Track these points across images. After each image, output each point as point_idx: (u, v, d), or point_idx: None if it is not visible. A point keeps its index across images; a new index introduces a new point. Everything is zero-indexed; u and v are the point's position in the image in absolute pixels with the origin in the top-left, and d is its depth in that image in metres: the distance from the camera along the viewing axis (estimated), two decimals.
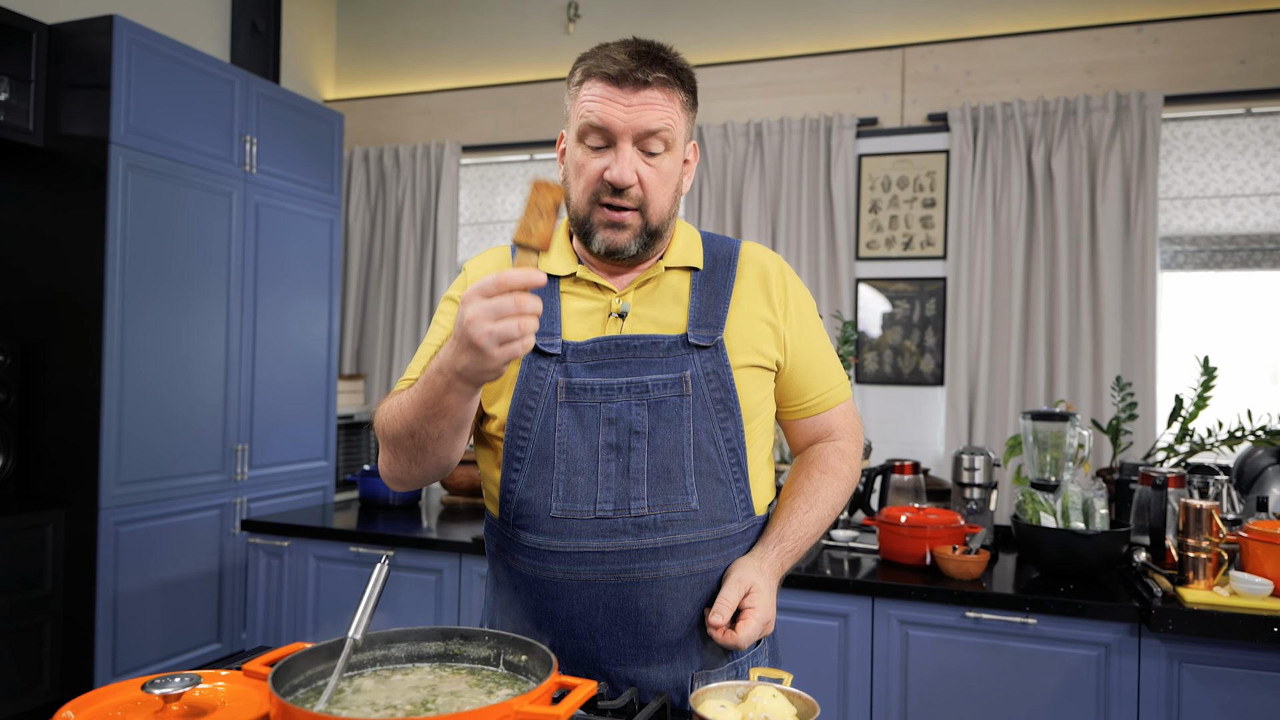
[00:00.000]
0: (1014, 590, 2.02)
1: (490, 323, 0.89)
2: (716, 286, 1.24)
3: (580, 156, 1.16)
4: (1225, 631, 1.81)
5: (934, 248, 3.72)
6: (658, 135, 1.14)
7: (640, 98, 1.13)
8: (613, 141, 1.14)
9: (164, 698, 0.88)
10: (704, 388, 1.18)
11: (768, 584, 1.14)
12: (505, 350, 0.91)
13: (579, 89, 1.16)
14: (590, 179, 1.15)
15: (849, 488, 1.32)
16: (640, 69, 1.12)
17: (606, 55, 1.14)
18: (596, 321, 1.21)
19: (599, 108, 1.13)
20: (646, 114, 1.13)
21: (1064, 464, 2.34)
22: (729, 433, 1.19)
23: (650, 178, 1.15)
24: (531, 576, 1.19)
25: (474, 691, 0.83)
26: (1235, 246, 3.41)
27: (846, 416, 1.36)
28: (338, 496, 4.02)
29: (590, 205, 1.16)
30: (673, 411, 1.17)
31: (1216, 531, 1.91)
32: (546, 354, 1.18)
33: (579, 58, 1.19)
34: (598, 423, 1.16)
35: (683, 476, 1.16)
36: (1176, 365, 3.48)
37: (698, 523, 1.16)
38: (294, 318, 3.73)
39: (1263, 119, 3.39)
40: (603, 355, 1.18)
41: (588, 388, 1.17)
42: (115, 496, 2.97)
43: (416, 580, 2.50)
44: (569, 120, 1.20)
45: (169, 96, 3.15)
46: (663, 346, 1.18)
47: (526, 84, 4.31)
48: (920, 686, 2.06)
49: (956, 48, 3.70)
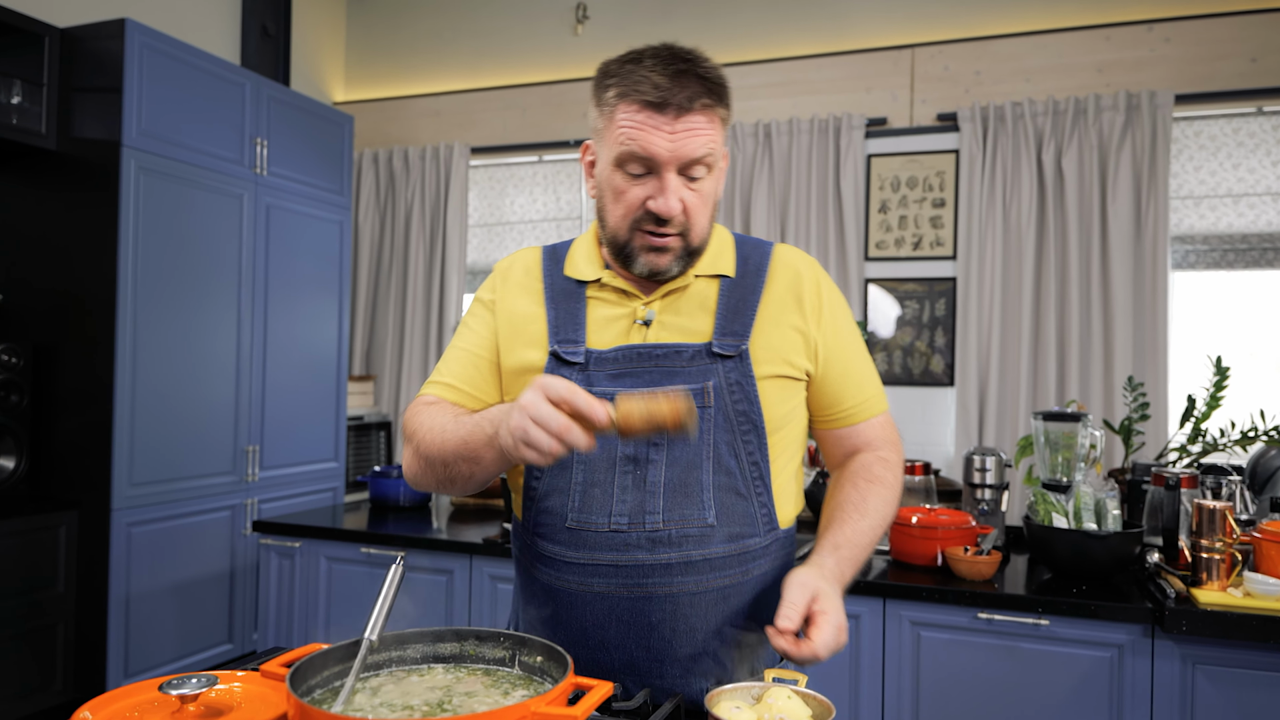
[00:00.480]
0: (1026, 591, 2.01)
1: (541, 431, 0.89)
2: (745, 293, 1.21)
3: (619, 182, 1.12)
4: (1239, 633, 1.80)
5: (944, 248, 3.71)
6: (701, 161, 1.11)
7: (683, 124, 1.09)
8: (655, 170, 1.10)
9: (181, 698, 0.89)
10: (726, 399, 1.15)
11: (833, 589, 1.06)
12: (537, 456, 0.91)
13: (614, 110, 1.11)
14: (631, 206, 1.12)
15: (896, 498, 1.26)
16: (681, 92, 1.08)
17: (643, 76, 1.09)
18: (621, 329, 1.19)
19: (641, 136, 1.08)
20: (691, 142, 1.09)
21: (1076, 465, 2.33)
22: (751, 446, 1.16)
23: (693, 202, 1.13)
24: (548, 584, 1.18)
25: (490, 692, 0.83)
26: (1247, 245, 3.39)
27: (884, 428, 1.30)
28: (348, 498, 4.03)
29: (631, 231, 1.13)
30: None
31: (1230, 532, 1.90)
32: (569, 362, 1.17)
33: (608, 69, 1.14)
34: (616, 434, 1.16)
35: (700, 491, 1.13)
36: (1188, 365, 3.46)
37: (714, 538, 1.14)
38: (304, 319, 3.75)
39: (1274, 118, 3.37)
40: (625, 364, 1.16)
41: (607, 397, 1.12)
42: (127, 498, 2.98)
43: (428, 581, 2.51)
44: (601, 138, 1.14)
45: (180, 99, 3.16)
46: (686, 356, 1.16)
47: (535, 85, 4.31)
48: (932, 688, 2.05)
49: (966, 47, 3.69)
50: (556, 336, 1.19)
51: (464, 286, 4.35)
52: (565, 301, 1.22)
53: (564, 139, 4.22)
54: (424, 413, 1.17)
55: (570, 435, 0.89)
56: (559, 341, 1.18)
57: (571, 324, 1.19)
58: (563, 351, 1.17)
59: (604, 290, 1.21)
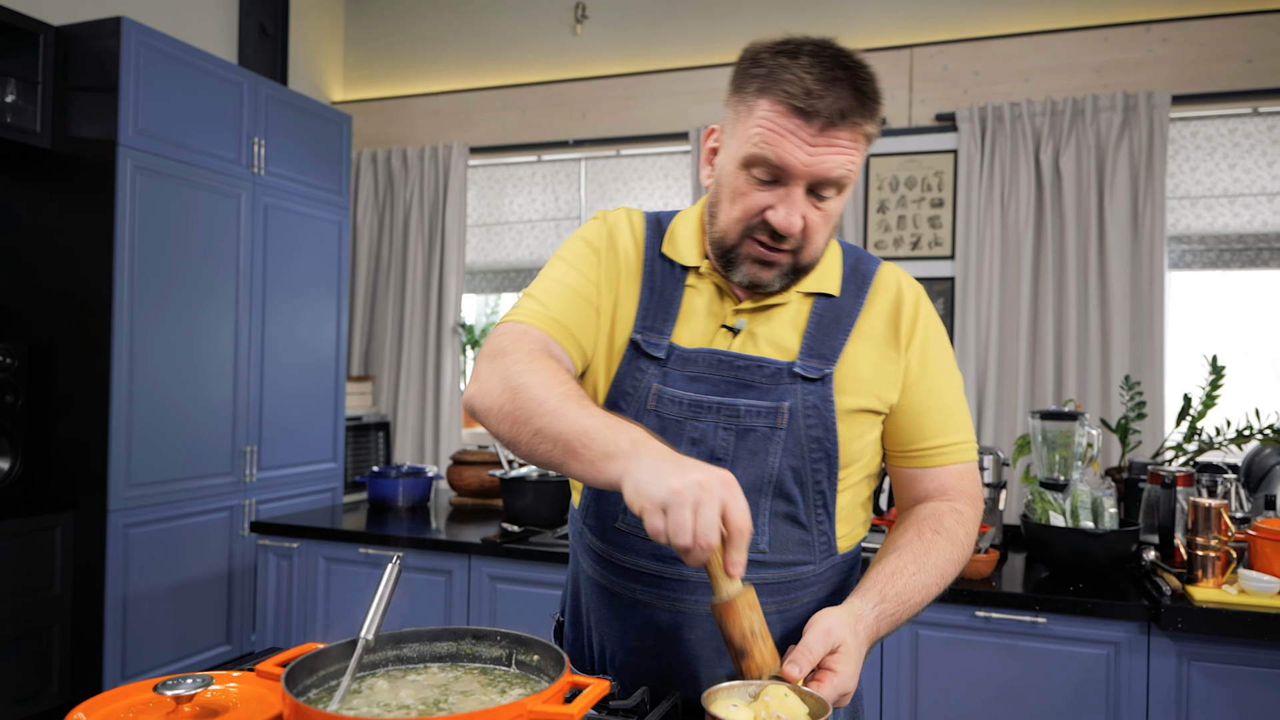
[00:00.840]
0: (1024, 590, 2.02)
1: (689, 527, 0.79)
2: (840, 314, 1.11)
3: (741, 184, 1.03)
4: (1235, 629, 1.80)
5: (942, 248, 3.71)
6: (835, 182, 1.01)
7: (826, 139, 0.98)
8: (783, 181, 1.00)
9: (176, 699, 0.89)
10: (800, 423, 1.06)
11: (858, 648, 0.96)
12: (656, 531, 0.80)
13: (754, 104, 1.01)
14: (748, 211, 1.03)
15: (963, 558, 1.12)
16: (833, 104, 0.97)
17: (794, 75, 0.98)
18: (708, 330, 1.11)
19: (778, 143, 0.98)
20: (830, 160, 0.99)
21: (1073, 463, 2.33)
22: (820, 475, 1.08)
23: (815, 221, 1.03)
24: (594, 579, 1.15)
25: (486, 691, 0.83)
26: (1243, 246, 3.39)
27: (964, 478, 1.16)
28: (346, 498, 4.03)
29: (741, 236, 1.05)
30: (760, 443, 1.06)
31: (1225, 530, 1.91)
32: (649, 355, 1.09)
33: (757, 56, 1.03)
34: (681, 439, 1.07)
35: (756, 515, 1.05)
36: (1185, 364, 3.47)
37: (765, 565, 1.07)
38: (302, 319, 3.74)
39: (1270, 118, 3.38)
40: (703, 368, 1.08)
41: (677, 400, 1.08)
42: (124, 499, 2.98)
43: (426, 581, 2.51)
44: (733, 129, 1.04)
45: (177, 98, 3.16)
46: (767, 371, 1.07)
47: (535, 85, 4.31)
48: (930, 686, 2.06)
49: (964, 48, 3.70)
50: (643, 322, 1.11)
51: (463, 286, 4.35)
52: (661, 285, 1.13)
53: (563, 139, 4.22)
54: (534, 354, 1.00)
55: (703, 550, 0.80)
56: (644, 329, 1.10)
57: (663, 313, 1.11)
58: (644, 342, 1.09)
59: (701, 281, 1.12)
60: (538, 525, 2.57)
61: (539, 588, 2.38)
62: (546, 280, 1.13)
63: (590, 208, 4.26)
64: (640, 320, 1.11)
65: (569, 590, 1.25)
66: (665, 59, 4.11)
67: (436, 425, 4.27)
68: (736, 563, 0.84)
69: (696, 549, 0.80)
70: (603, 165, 4.23)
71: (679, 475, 0.80)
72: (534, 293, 1.11)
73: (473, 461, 3.02)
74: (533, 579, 2.39)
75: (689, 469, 0.82)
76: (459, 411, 4.31)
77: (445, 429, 4.25)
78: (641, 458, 0.84)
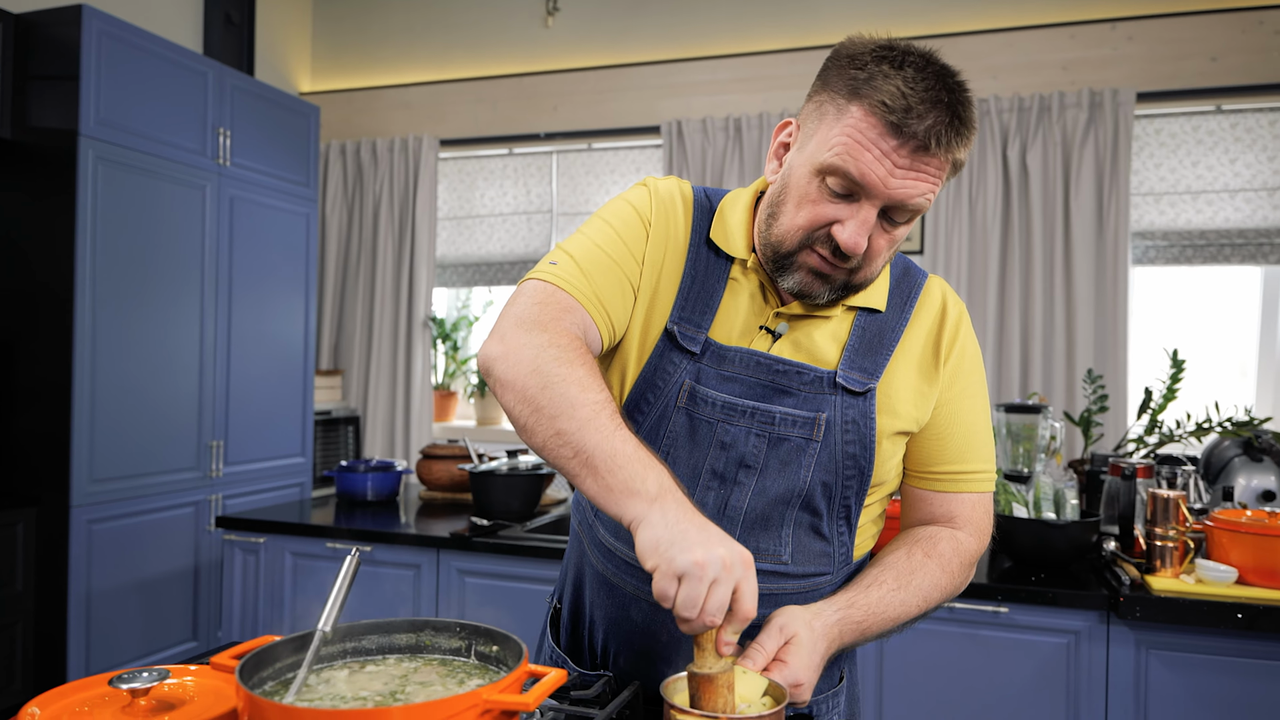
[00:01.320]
0: (988, 580, 2.04)
1: (698, 599, 0.77)
2: (884, 331, 1.06)
3: (813, 191, 0.95)
4: (1191, 618, 1.84)
5: (911, 243, 3.75)
6: (912, 209, 0.94)
7: (915, 163, 0.91)
8: (857, 197, 0.94)
9: (131, 692, 0.87)
10: (837, 437, 1.02)
11: (813, 642, 0.93)
12: (662, 596, 0.79)
13: (844, 108, 0.93)
14: (814, 222, 0.96)
15: (951, 588, 1.07)
16: (930, 127, 0.89)
17: (895, 87, 0.89)
18: (748, 328, 1.05)
19: (862, 158, 0.91)
20: (913, 186, 0.92)
21: (1036, 455, 2.36)
22: (849, 491, 1.04)
23: (880, 245, 0.97)
24: (602, 574, 1.10)
25: (445, 682, 0.83)
26: (1205, 242, 3.45)
27: (976, 509, 1.11)
28: (315, 493, 4.00)
29: (800, 245, 0.98)
30: (793, 454, 1.02)
31: (1183, 520, 1.94)
32: (684, 349, 1.03)
33: (856, 57, 0.94)
34: (711, 442, 1.02)
35: (780, 526, 1.03)
36: (1147, 359, 3.53)
37: (787, 577, 1.03)
38: (270, 313, 3.70)
39: (1232, 116, 3.44)
40: (740, 369, 1.03)
41: (710, 400, 1.02)
42: (88, 494, 2.94)
43: (394, 576, 2.49)
44: (814, 129, 0.96)
45: (140, 88, 3.11)
46: (807, 378, 1.02)
47: (506, 78, 4.29)
48: (896, 676, 2.08)
49: (935, 44, 3.70)
50: (681, 312, 1.04)
51: (433, 280, 4.32)
52: (705, 272, 1.06)
53: (535, 132, 4.20)
54: (575, 345, 0.93)
55: (711, 624, 0.78)
56: (681, 319, 1.04)
57: (703, 304, 1.04)
58: (680, 334, 1.03)
59: (745, 275, 1.06)
60: (508, 519, 2.57)
61: (508, 581, 2.38)
62: (588, 242, 1.04)
63: (562, 201, 4.25)
64: (678, 309, 1.04)
65: (569, 578, 1.20)
66: (637, 52, 4.10)
67: (407, 419, 4.25)
68: (729, 643, 0.82)
69: (697, 624, 0.78)
70: (574, 158, 4.22)
71: (704, 547, 0.77)
72: (574, 252, 1.02)
73: (442, 456, 3.01)
74: (502, 573, 2.38)
75: (714, 541, 0.79)
76: (430, 405, 4.28)
77: (416, 423, 4.22)
78: (666, 510, 0.81)
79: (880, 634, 1.03)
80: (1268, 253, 3.37)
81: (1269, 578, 1.87)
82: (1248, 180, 3.40)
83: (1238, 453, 2.49)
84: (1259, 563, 1.89)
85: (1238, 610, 1.81)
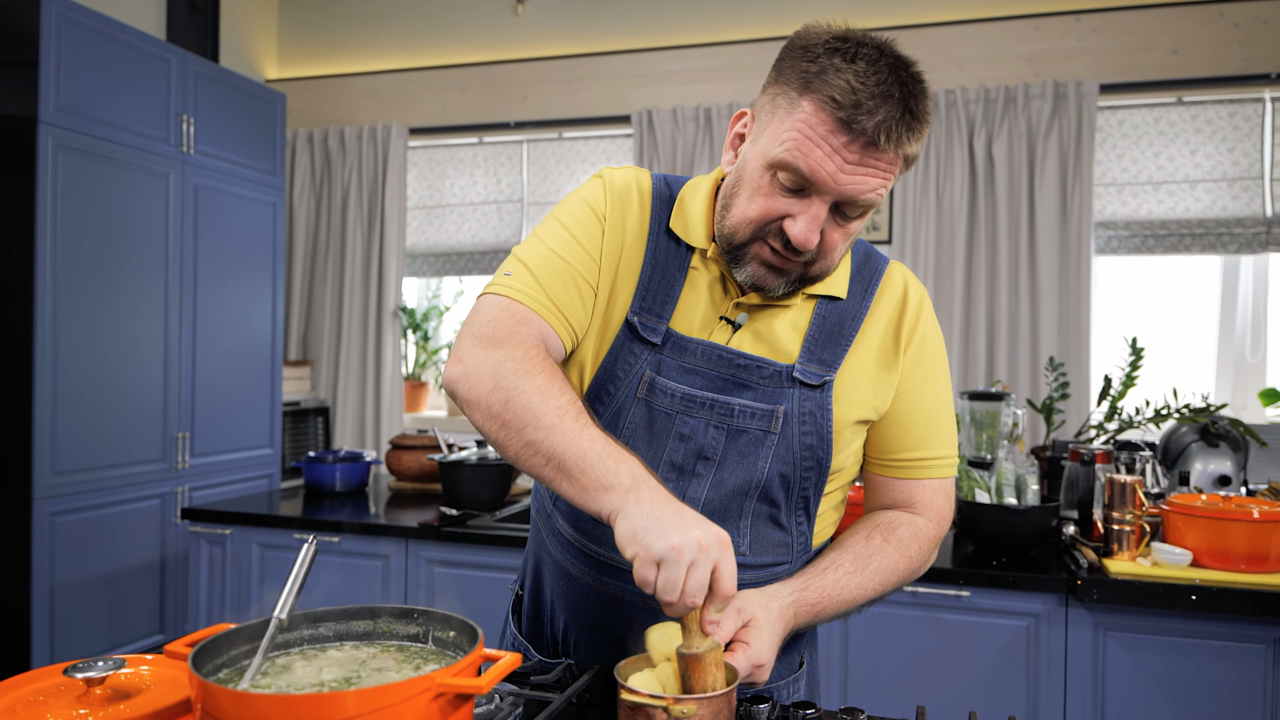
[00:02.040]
0: (951, 564, 2.07)
1: (678, 581, 0.79)
2: (843, 319, 1.06)
3: (764, 184, 0.95)
4: (1147, 600, 1.88)
5: (879, 232, 3.78)
6: (863, 204, 0.94)
7: (866, 158, 0.90)
8: (808, 192, 0.94)
9: (86, 681, 0.87)
10: (795, 429, 1.02)
11: (770, 624, 0.95)
12: (643, 580, 0.81)
13: (795, 102, 0.92)
14: (766, 215, 0.96)
15: (909, 570, 1.09)
16: (881, 122, 0.88)
17: (845, 81, 0.89)
18: (708, 320, 1.05)
19: (811, 154, 0.91)
20: (863, 182, 0.92)
21: (999, 442, 2.40)
22: (808, 483, 1.04)
23: (833, 239, 0.97)
24: (563, 567, 1.10)
25: (401, 668, 0.83)
26: (1166, 231, 3.51)
27: (936, 495, 1.12)
28: (285, 484, 3.97)
29: (752, 237, 0.98)
30: (751, 446, 1.02)
31: (1139, 505, 1.99)
32: (645, 340, 1.03)
33: (809, 48, 0.93)
34: (669, 434, 1.03)
35: (739, 517, 1.04)
36: (1110, 346, 3.59)
37: (745, 568, 1.04)
38: (236, 303, 3.66)
39: (1193, 108, 3.49)
40: (701, 361, 1.03)
41: (670, 392, 1.02)
42: (50, 486, 2.90)
43: (363, 566, 2.49)
44: (766, 121, 0.96)
45: (101, 74, 3.06)
46: (766, 373, 1.03)
47: (476, 65, 4.26)
48: (860, 659, 2.11)
49: (902, 35, 3.72)
50: (642, 302, 1.04)
51: (403, 270, 4.29)
52: (665, 262, 1.06)
53: (505, 120, 4.18)
54: (532, 354, 0.93)
55: (687, 608, 0.80)
56: (642, 309, 1.04)
57: (663, 294, 1.04)
58: (641, 325, 1.03)
59: (705, 265, 1.06)
60: (477, 509, 2.57)
61: (477, 570, 2.38)
62: (542, 247, 1.04)
63: (533, 190, 4.23)
64: (639, 300, 1.05)
65: (530, 565, 1.21)
66: (607, 41, 4.09)
67: (377, 410, 4.23)
68: (713, 621, 0.85)
69: (679, 606, 0.80)
70: (545, 147, 4.21)
71: (680, 531, 0.79)
72: (527, 260, 1.03)
73: (412, 446, 3.00)
74: (471, 562, 2.39)
75: (689, 525, 0.80)
76: (400, 396, 4.26)
77: (386, 414, 4.20)
78: (641, 499, 0.82)
79: (835, 615, 1.04)
80: (1227, 242, 3.44)
81: (1222, 560, 1.92)
82: (1208, 171, 3.47)
83: (1195, 438, 2.54)
84: (1213, 545, 1.93)
85: (1191, 592, 1.85)
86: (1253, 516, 1.89)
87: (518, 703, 0.95)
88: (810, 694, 1.20)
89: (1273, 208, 3.39)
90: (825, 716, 0.94)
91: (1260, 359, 3.50)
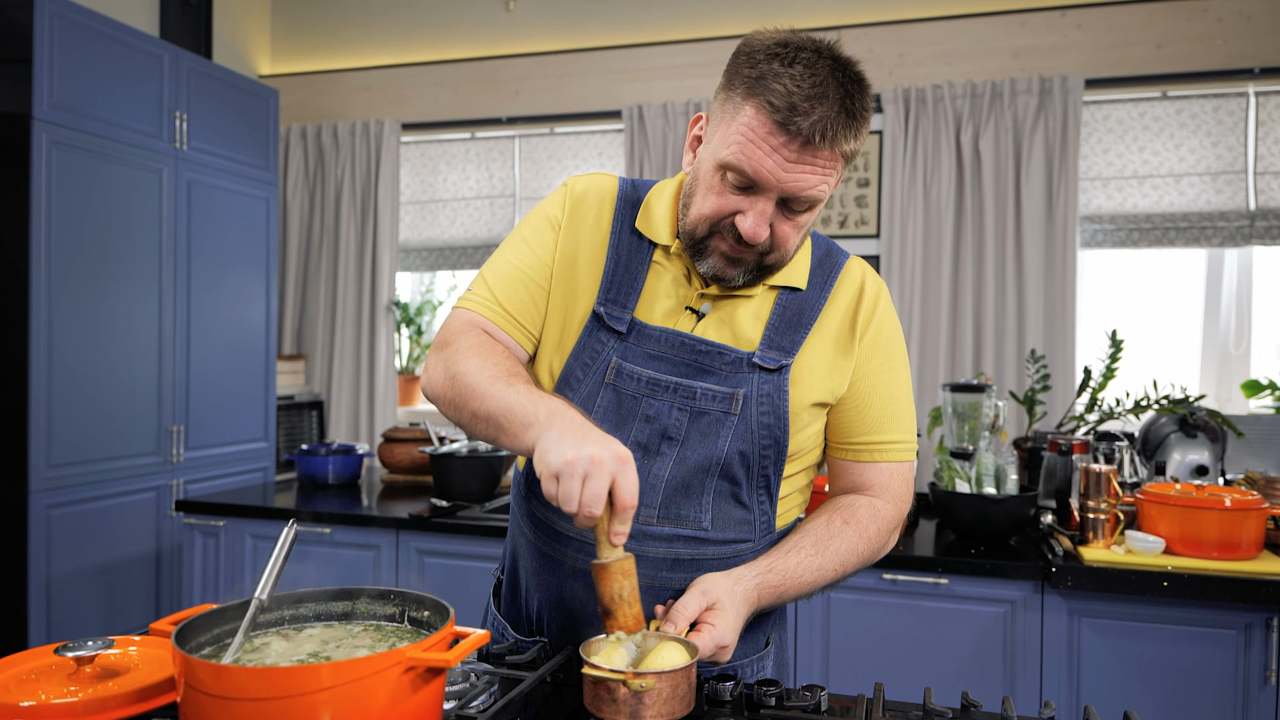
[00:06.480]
0: (932, 553, 2.11)
1: (576, 494, 0.86)
2: (803, 308, 1.12)
3: (716, 183, 1.02)
4: (1120, 587, 1.92)
5: (868, 226, 3.81)
6: (808, 200, 1.01)
7: (804, 157, 0.96)
8: (755, 190, 1.00)
9: (77, 660, 0.91)
10: (753, 409, 1.08)
11: (734, 606, 1.00)
12: (552, 496, 0.88)
13: (739, 107, 0.99)
14: (718, 212, 1.03)
15: (869, 552, 1.13)
16: (816, 122, 0.94)
17: (782, 85, 0.95)
18: (672, 309, 1.11)
19: (754, 156, 0.97)
20: (804, 179, 0.98)
21: (980, 433, 2.44)
22: (767, 462, 1.10)
23: (784, 231, 1.04)
24: (535, 546, 1.16)
25: (377, 646, 0.87)
26: (1151, 225, 3.55)
27: (894, 478, 1.17)
28: (279, 477, 4.00)
29: (709, 233, 1.05)
30: (712, 426, 1.08)
31: (1114, 494, 2.03)
32: (611, 329, 1.10)
33: (754, 54, 0.99)
34: (635, 416, 1.08)
35: (701, 494, 1.09)
36: (1096, 339, 3.62)
37: (707, 543, 1.09)
38: (230, 297, 3.69)
39: (1178, 102, 3.52)
40: (664, 348, 1.09)
41: (636, 377, 1.09)
42: (46, 479, 2.93)
43: (355, 556, 2.52)
44: (716, 125, 1.03)
45: (94, 71, 3.08)
46: (727, 359, 1.09)
47: (468, 61, 4.29)
48: (841, 645, 2.15)
49: (890, 30, 3.78)
50: (607, 294, 1.12)
51: (396, 264, 4.32)
52: (628, 257, 1.13)
53: (497, 116, 4.21)
54: (474, 342, 1.06)
55: (586, 519, 0.87)
56: (608, 301, 1.11)
57: (627, 286, 1.11)
58: (607, 314, 1.10)
59: (669, 260, 1.13)
60: (467, 500, 2.61)
61: (467, 560, 2.42)
62: (502, 262, 1.15)
63: (524, 185, 4.26)
64: (604, 292, 1.11)
65: (508, 550, 1.27)
66: (599, 37, 4.12)
67: (371, 404, 4.26)
68: (618, 533, 0.91)
69: (580, 517, 0.87)
70: (537, 143, 4.24)
71: (576, 447, 0.87)
72: (487, 276, 1.15)
73: (403, 439, 3.03)
74: (460, 552, 2.42)
75: (589, 442, 0.87)
76: (394, 390, 4.30)
77: (380, 407, 4.24)
78: (553, 427, 0.91)
79: (798, 596, 1.10)
80: (1210, 236, 3.47)
81: (1194, 548, 1.96)
82: (1192, 165, 3.50)
83: (1174, 429, 2.58)
84: (1185, 534, 1.97)
85: (1164, 579, 1.89)
86: (1224, 505, 1.93)
87: (493, 681, 0.99)
88: (778, 673, 1.24)
89: (1256, 201, 3.43)
90: (787, 694, 0.98)
91: (1244, 351, 3.54)
